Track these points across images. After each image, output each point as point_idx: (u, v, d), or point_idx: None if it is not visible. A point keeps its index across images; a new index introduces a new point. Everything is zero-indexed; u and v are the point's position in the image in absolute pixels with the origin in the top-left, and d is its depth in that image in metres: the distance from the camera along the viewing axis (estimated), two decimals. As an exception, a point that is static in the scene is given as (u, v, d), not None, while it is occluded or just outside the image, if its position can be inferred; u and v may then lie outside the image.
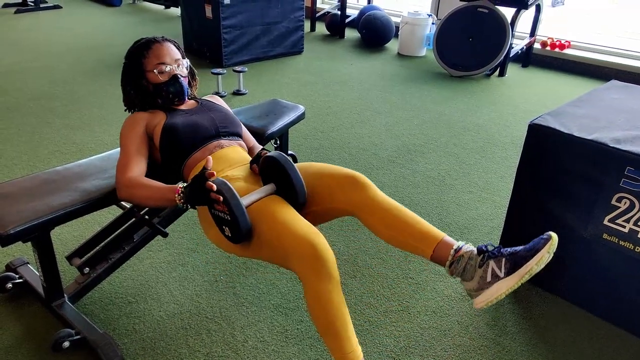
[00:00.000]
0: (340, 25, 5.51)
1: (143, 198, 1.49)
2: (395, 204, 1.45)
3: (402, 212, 1.44)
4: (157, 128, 1.64)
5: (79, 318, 1.63)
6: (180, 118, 1.66)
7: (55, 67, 4.27)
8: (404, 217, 1.42)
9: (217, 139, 1.67)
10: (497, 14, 4.12)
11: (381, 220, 1.43)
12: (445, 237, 1.39)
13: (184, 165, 1.63)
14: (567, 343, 1.70)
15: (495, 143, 3.15)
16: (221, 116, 1.74)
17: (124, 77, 1.72)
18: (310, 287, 1.29)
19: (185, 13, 4.67)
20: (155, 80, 1.67)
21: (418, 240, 1.39)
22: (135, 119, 1.65)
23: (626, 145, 1.58)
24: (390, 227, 1.42)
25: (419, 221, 1.42)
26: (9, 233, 1.40)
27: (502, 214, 2.36)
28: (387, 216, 1.43)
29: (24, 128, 3.13)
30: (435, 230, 1.41)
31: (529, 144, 1.80)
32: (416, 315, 1.79)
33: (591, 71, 4.53)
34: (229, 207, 1.31)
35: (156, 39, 1.70)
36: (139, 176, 1.53)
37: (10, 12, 6.26)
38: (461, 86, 4.16)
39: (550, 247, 1.29)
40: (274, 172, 1.49)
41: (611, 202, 1.63)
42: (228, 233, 1.39)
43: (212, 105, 1.80)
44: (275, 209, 1.37)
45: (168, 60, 1.68)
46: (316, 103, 3.69)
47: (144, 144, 1.62)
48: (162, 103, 1.70)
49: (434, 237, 1.39)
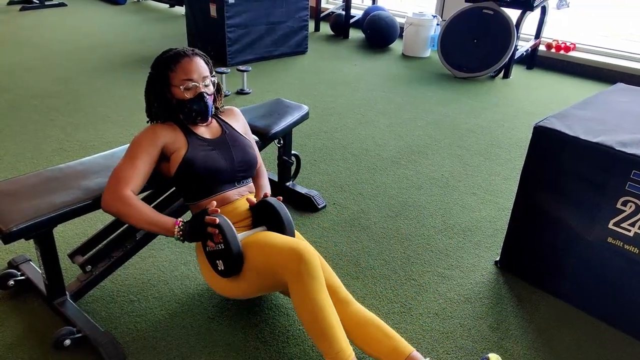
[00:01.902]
0: (344, 26, 5.50)
1: (135, 219, 1.48)
2: (370, 319, 1.49)
3: (374, 327, 1.47)
4: (176, 155, 1.58)
5: (81, 316, 1.63)
6: (202, 154, 1.60)
7: (59, 65, 4.28)
8: (376, 333, 1.46)
9: (231, 184, 1.66)
10: (502, 16, 4.11)
11: (356, 334, 1.47)
12: (412, 353, 1.43)
13: (194, 204, 1.65)
14: (571, 347, 1.68)
15: (499, 145, 3.14)
16: (241, 156, 1.68)
17: (149, 87, 1.65)
18: (295, 288, 1.37)
19: (190, 12, 4.67)
20: (180, 96, 1.59)
21: (388, 356, 1.43)
22: (156, 134, 1.58)
23: (632, 149, 1.57)
24: (364, 343, 1.46)
25: (390, 336, 1.46)
26: (11, 230, 1.40)
27: (506, 217, 2.35)
28: (361, 331, 1.47)
29: (27, 126, 3.13)
30: (403, 346, 1.44)
31: (533, 146, 1.79)
32: (418, 317, 1.78)
33: (597, 74, 4.51)
34: (223, 233, 1.44)
35: (186, 52, 1.61)
36: (134, 195, 1.51)
37: (15, 9, 6.27)
38: (465, 88, 4.14)
39: None
40: (264, 213, 1.63)
41: (616, 205, 1.62)
42: (221, 267, 1.49)
43: (234, 136, 1.71)
44: (262, 237, 1.50)
45: (195, 77, 1.59)
46: (320, 103, 3.69)
47: (153, 162, 1.57)
48: (183, 119, 1.64)
49: (402, 353, 1.43)
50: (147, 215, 1.49)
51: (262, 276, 1.46)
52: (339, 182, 2.64)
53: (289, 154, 2.35)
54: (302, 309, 1.37)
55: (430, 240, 2.20)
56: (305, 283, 1.36)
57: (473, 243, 2.19)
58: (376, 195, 2.53)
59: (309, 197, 2.37)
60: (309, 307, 1.35)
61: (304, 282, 1.36)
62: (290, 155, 2.36)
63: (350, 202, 2.45)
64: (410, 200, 2.49)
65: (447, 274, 1.99)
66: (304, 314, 1.37)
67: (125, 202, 1.47)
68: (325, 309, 1.36)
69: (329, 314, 1.35)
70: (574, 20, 6.58)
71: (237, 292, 1.56)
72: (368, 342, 1.45)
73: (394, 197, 2.51)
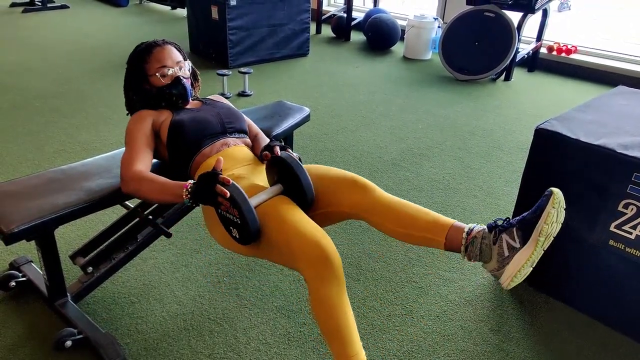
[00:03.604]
0: (346, 28, 5.51)
1: (149, 192, 1.47)
2: (399, 201, 1.45)
3: (407, 206, 1.42)
4: (164, 124, 1.65)
5: (82, 317, 1.63)
6: (187, 114, 1.67)
7: (61, 67, 4.29)
8: (411, 211, 1.41)
9: (223, 135, 1.68)
10: (503, 18, 4.11)
11: (388, 219, 1.42)
12: (455, 223, 1.37)
13: (191, 162, 1.63)
14: (572, 350, 1.68)
15: (500, 147, 3.14)
16: (226, 112, 1.75)
17: (126, 82, 1.73)
18: (315, 289, 1.28)
19: (192, 14, 4.68)
20: (158, 83, 1.68)
21: (428, 231, 1.37)
22: (141, 115, 1.65)
23: (634, 152, 1.57)
24: (399, 224, 1.40)
25: (427, 212, 1.41)
26: (13, 231, 1.40)
27: (507, 219, 2.35)
28: (393, 214, 1.42)
29: (29, 127, 3.14)
30: (443, 219, 1.39)
31: (535, 149, 1.79)
32: (419, 319, 1.78)
33: (598, 76, 4.51)
34: (240, 210, 1.30)
35: (156, 43, 1.70)
36: (145, 170, 1.52)
37: (18, 11, 6.29)
38: (467, 90, 4.14)
39: (554, 202, 1.26)
40: (281, 172, 1.49)
41: (618, 208, 1.61)
42: (236, 234, 1.38)
43: (216, 103, 1.81)
44: (283, 210, 1.37)
45: (170, 63, 1.68)
46: (321, 105, 3.69)
47: (150, 140, 1.62)
48: (166, 105, 1.71)
49: (443, 225, 1.37)
50: (159, 184, 1.45)
51: (278, 252, 1.36)
52: (340, 184, 2.64)
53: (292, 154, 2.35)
54: (320, 310, 1.29)
55: (431, 243, 2.19)
56: (327, 286, 1.27)
57: (474, 245, 2.19)
58: (377, 197, 2.53)
59: (310, 199, 2.37)
60: (328, 309, 1.28)
61: (327, 284, 1.27)
62: (291, 157, 2.36)
63: (351, 204, 2.45)
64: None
65: (449, 276, 1.99)
66: (321, 315, 1.29)
67: (136, 179, 1.49)
68: (345, 312, 1.29)
69: (349, 318, 1.30)
70: (575, 23, 6.58)
71: (248, 253, 1.47)
72: (404, 221, 1.39)
73: (395, 199, 2.51)
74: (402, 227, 1.40)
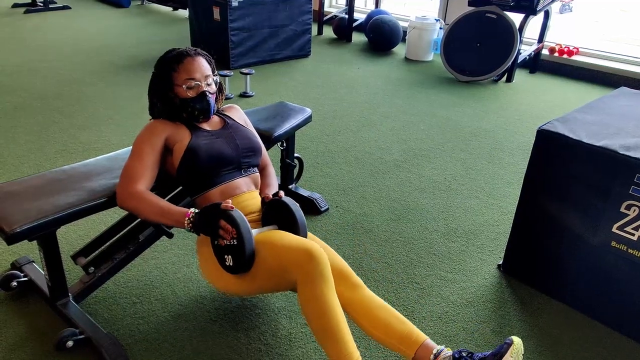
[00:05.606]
0: (347, 29, 5.51)
1: (148, 213, 1.49)
2: (380, 304, 1.49)
3: (385, 312, 1.46)
4: (179, 145, 1.59)
5: (83, 317, 1.63)
6: (205, 141, 1.61)
7: (63, 67, 4.29)
8: (388, 319, 1.45)
9: (237, 171, 1.65)
10: (505, 20, 4.11)
11: (367, 319, 1.47)
12: (426, 341, 1.42)
13: (199, 195, 1.62)
14: (574, 351, 1.68)
15: (502, 149, 3.14)
16: (246, 144, 1.69)
17: (152, 87, 1.67)
18: (304, 288, 1.35)
19: (194, 15, 4.69)
20: (183, 95, 1.62)
21: (401, 342, 1.42)
22: (156, 127, 1.61)
23: (636, 153, 1.56)
24: (375, 327, 1.45)
25: (403, 322, 1.45)
26: (15, 231, 1.40)
27: (509, 220, 2.35)
28: (371, 316, 1.46)
29: (31, 127, 3.14)
30: (416, 333, 1.43)
31: (537, 150, 1.79)
32: (421, 320, 1.78)
33: (600, 78, 4.50)
34: (238, 228, 1.39)
35: (188, 52, 1.63)
36: (146, 190, 1.52)
37: (20, 12, 6.30)
38: (468, 91, 4.14)
39: (512, 352, 1.33)
40: (279, 214, 1.59)
41: (620, 209, 1.61)
42: (229, 262, 1.45)
43: (237, 127, 1.74)
44: (275, 237, 1.46)
45: (198, 76, 1.62)
46: (323, 106, 3.69)
47: (158, 157, 1.58)
48: (186, 118, 1.66)
49: (415, 340, 1.41)
50: (160, 208, 1.48)
51: (270, 275, 1.42)
52: (341, 185, 2.64)
53: (291, 157, 2.35)
54: (310, 310, 1.34)
55: (432, 244, 2.19)
56: (315, 283, 1.33)
57: (476, 247, 2.19)
58: (379, 198, 2.53)
59: (312, 200, 2.37)
60: (318, 308, 1.33)
61: (314, 282, 1.33)
62: (293, 158, 2.36)
63: (352, 205, 2.45)
64: (413, 204, 2.49)
65: (450, 278, 1.99)
66: (311, 315, 1.34)
67: (137, 198, 1.50)
68: (334, 310, 1.33)
69: (338, 316, 1.33)
70: (577, 25, 6.58)
71: (239, 289, 1.51)
72: (380, 327, 1.43)
73: (397, 201, 2.51)
74: (377, 330, 1.45)
